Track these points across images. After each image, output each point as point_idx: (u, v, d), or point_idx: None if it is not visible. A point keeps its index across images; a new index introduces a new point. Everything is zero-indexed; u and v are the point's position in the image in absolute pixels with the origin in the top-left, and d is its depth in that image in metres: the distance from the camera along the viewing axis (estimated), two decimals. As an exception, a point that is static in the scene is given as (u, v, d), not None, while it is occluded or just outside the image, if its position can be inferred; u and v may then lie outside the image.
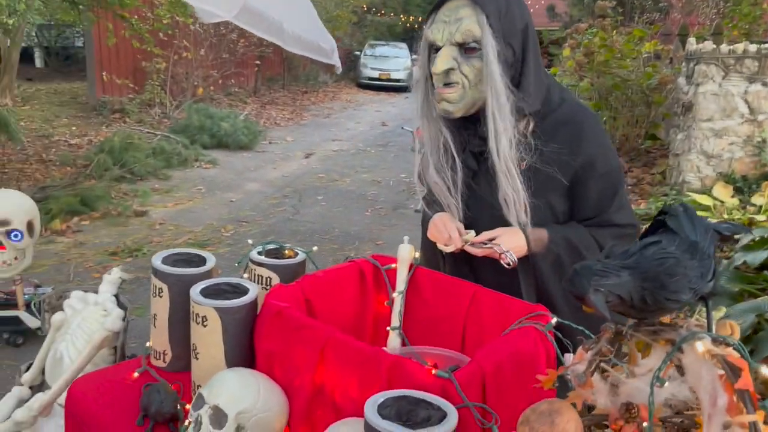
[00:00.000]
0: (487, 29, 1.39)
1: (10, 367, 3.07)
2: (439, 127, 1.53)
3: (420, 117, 1.57)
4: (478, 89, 1.43)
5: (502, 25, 1.41)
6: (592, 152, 1.49)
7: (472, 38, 1.40)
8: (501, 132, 1.42)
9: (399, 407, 1.01)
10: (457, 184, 1.54)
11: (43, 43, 14.27)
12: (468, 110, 1.47)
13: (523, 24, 1.46)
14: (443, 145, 1.54)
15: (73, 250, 4.63)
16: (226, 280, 1.41)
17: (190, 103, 9.74)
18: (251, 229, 5.31)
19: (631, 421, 1.04)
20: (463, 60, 1.42)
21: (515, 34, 1.44)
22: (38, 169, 6.53)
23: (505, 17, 1.42)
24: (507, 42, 1.42)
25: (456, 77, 1.43)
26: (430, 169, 1.56)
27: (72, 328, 1.80)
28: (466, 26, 1.40)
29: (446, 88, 1.44)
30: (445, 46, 1.42)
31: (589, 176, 1.50)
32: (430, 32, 1.46)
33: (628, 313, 0.92)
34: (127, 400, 1.39)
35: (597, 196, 1.52)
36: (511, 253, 1.46)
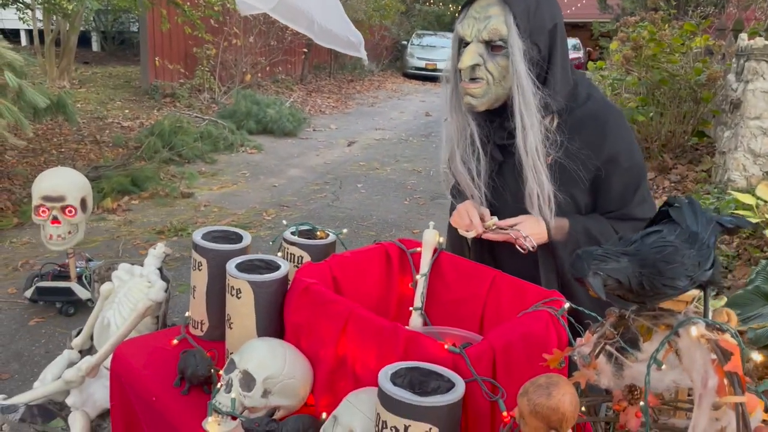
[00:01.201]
0: (513, 29, 1.43)
1: (62, 335, 3.27)
2: (466, 119, 1.59)
3: (449, 109, 1.62)
4: (502, 86, 1.49)
5: (530, 25, 1.45)
6: (616, 148, 1.53)
7: (499, 37, 1.45)
8: (528, 128, 1.46)
9: (411, 377, 1.09)
10: (481, 174, 1.60)
11: (100, 28, 14.74)
12: (492, 105, 1.52)
13: (552, 23, 1.49)
14: (470, 136, 1.59)
15: (122, 228, 4.85)
16: (260, 257, 1.50)
17: (237, 89, 9.96)
18: (292, 213, 5.44)
19: (634, 402, 1.09)
20: (488, 57, 1.47)
21: (542, 34, 1.48)
22: (92, 149, 6.82)
23: (533, 16, 1.46)
24: (533, 41, 1.46)
25: (481, 73, 1.48)
26: (457, 159, 1.62)
27: (119, 297, 1.93)
28: (494, 25, 1.44)
29: (471, 83, 1.50)
30: (473, 42, 1.48)
31: (613, 171, 1.53)
32: (460, 27, 1.51)
33: (627, 297, 0.97)
34: (166, 363, 1.50)
35: (619, 191, 1.56)
36: (531, 239, 1.51)
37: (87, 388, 1.83)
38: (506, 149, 1.57)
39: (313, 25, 2.67)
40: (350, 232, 1.73)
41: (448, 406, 1.01)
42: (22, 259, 4.14)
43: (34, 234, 4.53)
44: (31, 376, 2.88)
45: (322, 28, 2.73)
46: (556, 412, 0.92)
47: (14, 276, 3.91)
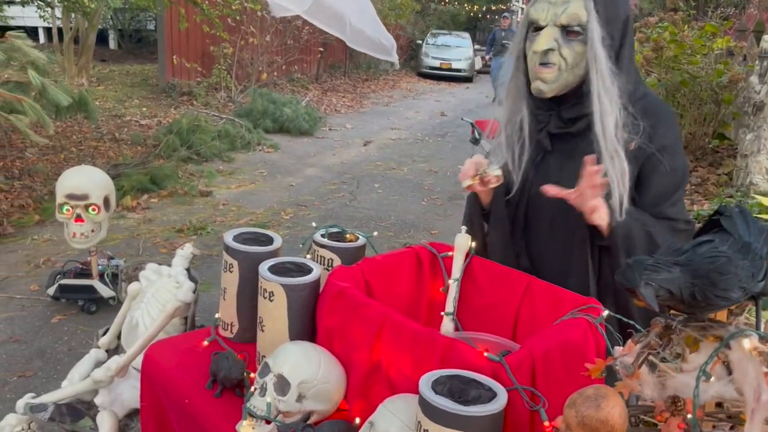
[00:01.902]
0: (593, 14, 1.42)
1: (84, 333, 3.29)
2: (520, 105, 1.57)
3: (506, 90, 1.61)
4: (573, 72, 1.46)
5: (607, 13, 1.44)
6: (665, 144, 1.50)
7: (577, 22, 1.43)
8: (608, 113, 1.44)
9: (452, 385, 1.08)
10: (523, 161, 1.58)
11: (117, 26, 14.84)
12: (560, 91, 1.49)
13: (625, 15, 1.49)
14: (519, 122, 1.57)
15: (142, 226, 4.88)
16: (292, 260, 1.49)
17: (254, 88, 9.99)
18: (310, 213, 5.44)
19: (677, 414, 1.07)
20: (564, 42, 1.45)
21: (617, 23, 1.46)
22: (111, 147, 6.87)
23: (611, 4, 1.45)
24: (608, 30, 1.44)
25: (554, 58, 1.45)
26: (502, 141, 1.61)
27: (147, 297, 1.93)
28: (573, 10, 1.42)
29: (543, 68, 1.47)
30: (548, 26, 1.45)
31: (657, 167, 1.50)
32: (533, 10, 1.48)
33: (678, 308, 0.95)
34: (197, 365, 1.50)
35: (659, 188, 1.53)
36: None
37: (115, 387, 1.84)
38: (557, 138, 1.55)
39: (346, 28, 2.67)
40: (368, 232, 1.72)
41: (492, 415, 1.00)
42: (44, 257, 4.18)
43: (56, 231, 4.57)
44: (54, 373, 2.91)
45: (355, 31, 2.72)
46: (605, 425, 0.90)
47: (36, 273, 3.94)
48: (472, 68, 17.78)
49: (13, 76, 4.20)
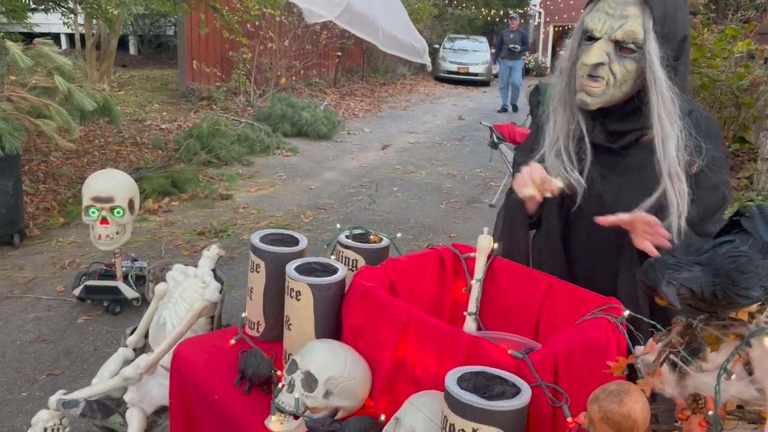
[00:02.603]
0: (651, 34, 1.37)
1: (109, 333, 3.36)
2: (574, 113, 1.53)
3: (557, 100, 1.56)
4: (621, 89, 1.43)
5: (665, 31, 1.39)
6: (713, 159, 1.47)
7: (633, 40, 1.39)
8: (669, 135, 1.41)
9: (476, 381, 1.10)
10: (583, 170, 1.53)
11: (138, 32, 15.03)
12: (605, 105, 1.47)
13: (683, 33, 1.44)
14: (574, 131, 1.54)
15: (164, 229, 4.96)
16: (317, 260, 1.53)
17: (273, 93, 10.08)
18: (329, 216, 5.49)
19: (698, 411, 1.09)
20: (615, 57, 1.41)
21: (674, 42, 1.42)
22: (133, 151, 6.98)
23: (671, 23, 1.40)
24: (665, 49, 1.40)
25: (603, 72, 1.42)
26: (557, 152, 1.55)
27: (174, 297, 1.98)
28: (630, 26, 1.38)
29: (591, 81, 1.44)
30: (602, 38, 1.41)
31: (704, 183, 1.48)
32: (589, 19, 1.43)
33: (699, 306, 0.97)
34: (225, 363, 1.54)
35: (705, 205, 1.49)
36: None
37: (144, 385, 1.88)
38: (600, 150, 1.53)
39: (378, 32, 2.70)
40: (388, 234, 1.75)
41: (516, 410, 1.02)
42: (69, 258, 4.26)
43: (80, 233, 4.66)
44: (81, 372, 2.97)
45: (386, 35, 2.76)
46: (627, 419, 0.93)
47: (62, 274, 4.03)
48: (489, 72, 17.77)
49: (40, 82, 4.30)
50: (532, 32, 23.61)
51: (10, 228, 4.34)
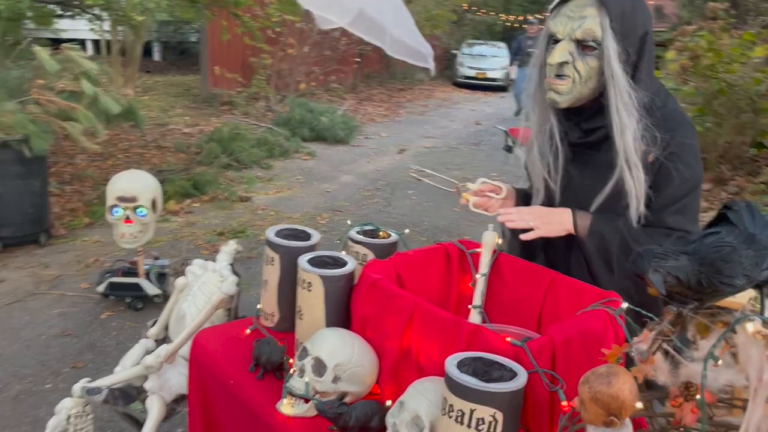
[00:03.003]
0: (608, 32, 1.46)
1: (131, 328, 3.47)
2: (547, 114, 1.63)
3: (531, 102, 1.66)
4: (587, 86, 1.52)
5: (623, 29, 1.48)
6: (677, 153, 1.54)
7: (592, 38, 1.48)
8: (626, 127, 1.49)
9: (476, 366, 1.16)
10: (558, 169, 1.64)
11: (162, 38, 15.31)
12: (574, 103, 1.56)
13: (643, 31, 1.52)
14: (549, 131, 1.63)
15: (185, 229, 5.08)
16: (328, 254, 1.60)
17: (292, 98, 10.21)
18: (345, 218, 5.56)
19: (690, 398, 1.14)
20: (578, 56, 1.50)
21: (634, 38, 1.50)
22: (156, 154, 7.13)
23: (628, 21, 1.48)
24: (624, 46, 1.48)
25: (568, 71, 1.51)
26: (534, 151, 1.66)
27: (193, 290, 2.06)
28: (588, 25, 1.47)
29: (557, 80, 1.53)
30: (564, 39, 1.51)
31: (667, 176, 1.54)
32: (552, 24, 1.54)
33: (686, 294, 1.02)
34: (240, 351, 1.61)
35: (664, 196, 1.56)
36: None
37: (164, 374, 1.96)
38: (578, 148, 1.62)
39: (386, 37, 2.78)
40: (406, 240, 1.82)
41: (512, 392, 1.08)
42: (93, 257, 4.39)
43: (104, 233, 4.79)
44: (104, 365, 3.07)
45: (394, 40, 2.83)
46: (615, 400, 0.98)
47: (86, 272, 4.15)
48: (508, 78, 17.77)
49: (67, 86, 4.44)
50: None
51: (37, 227, 4.48)
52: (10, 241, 4.38)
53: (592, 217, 1.60)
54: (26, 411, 2.74)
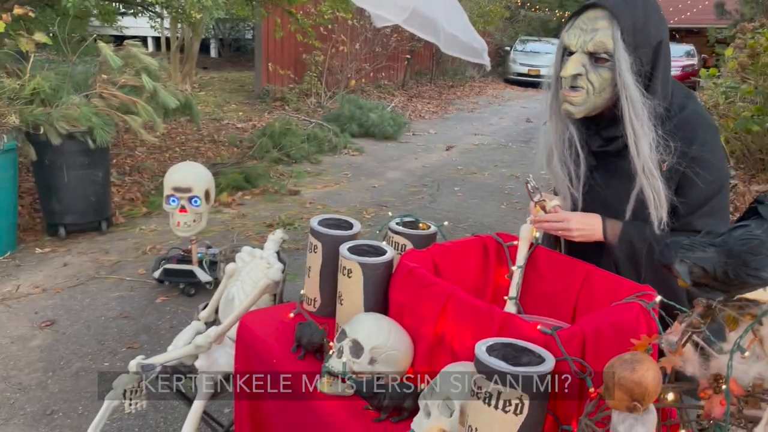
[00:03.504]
0: (620, 43, 1.49)
1: (184, 312, 3.62)
2: (565, 122, 1.67)
3: (549, 113, 1.71)
4: (601, 96, 1.56)
5: (635, 39, 1.50)
6: (698, 157, 1.55)
7: (604, 50, 1.51)
8: (640, 136, 1.52)
9: (505, 352, 1.20)
10: (580, 177, 1.68)
11: (218, 36, 15.71)
12: (589, 113, 1.60)
13: (657, 40, 1.53)
14: (568, 140, 1.67)
15: (236, 220, 5.24)
16: (369, 242, 1.66)
17: (342, 94, 10.35)
18: (390, 213, 5.63)
19: (719, 391, 1.15)
20: (591, 68, 1.54)
21: (647, 48, 1.52)
22: (210, 148, 7.36)
23: (640, 32, 1.51)
24: (637, 55, 1.51)
25: (582, 83, 1.55)
26: (555, 161, 1.71)
27: (242, 276, 2.16)
28: (600, 38, 1.51)
29: (571, 91, 1.57)
30: (577, 52, 1.55)
31: (690, 181, 1.56)
32: (566, 36, 1.59)
33: (713, 285, 1.04)
34: (284, 333, 1.70)
35: (690, 201, 1.58)
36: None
37: (213, 353, 2.07)
38: (600, 156, 1.65)
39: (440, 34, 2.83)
40: (446, 232, 1.87)
41: (539, 376, 1.12)
42: (150, 244, 4.59)
43: (160, 222, 5.00)
44: (158, 347, 3.23)
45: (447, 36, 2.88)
46: (639, 386, 1.00)
47: (143, 259, 4.35)
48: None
49: (129, 81, 4.65)
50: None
51: (99, 215, 4.71)
52: (73, 228, 4.63)
53: (622, 225, 1.62)
54: (85, 386, 2.91)
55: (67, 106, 4.30)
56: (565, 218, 1.64)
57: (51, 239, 4.57)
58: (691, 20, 18.49)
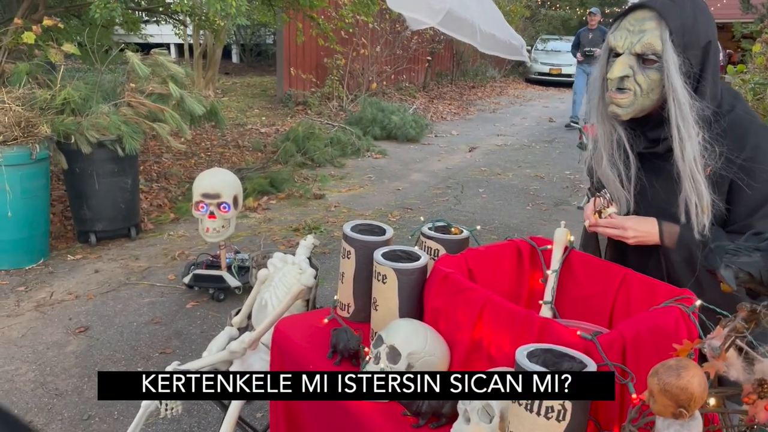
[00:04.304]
0: (669, 44, 1.46)
1: (214, 317, 3.66)
2: (613, 124, 1.64)
3: (595, 114, 1.68)
4: (649, 98, 1.53)
5: (684, 40, 1.48)
6: (750, 158, 1.52)
7: (652, 51, 1.49)
8: (685, 139, 1.50)
9: (546, 358, 1.20)
10: (630, 178, 1.65)
11: (240, 41, 15.86)
12: (636, 115, 1.57)
13: (705, 40, 1.51)
14: (616, 141, 1.64)
15: (262, 225, 5.29)
16: (402, 248, 1.67)
17: (364, 97, 10.38)
18: (415, 215, 5.63)
19: (764, 396, 1.14)
20: (639, 69, 1.51)
21: (696, 49, 1.50)
22: (235, 153, 7.44)
23: (689, 32, 1.48)
24: (686, 56, 1.48)
25: (629, 84, 1.53)
26: (603, 163, 1.67)
27: (274, 282, 2.18)
28: (648, 39, 1.48)
29: (618, 93, 1.55)
30: (624, 54, 1.52)
31: (743, 182, 1.53)
32: (612, 38, 1.56)
33: (759, 290, 1.03)
34: (319, 338, 1.71)
35: (746, 203, 1.55)
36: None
37: (247, 359, 2.09)
38: (646, 157, 1.63)
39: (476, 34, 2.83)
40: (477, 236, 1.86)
41: (581, 382, 1.11)
42: (179, 250, 4.65)
43: (188, 228, 5.07)
44: (189, 352, 3.27)
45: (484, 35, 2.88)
46: (684, 392, 1.00)
47: (172, 264, 4.41)
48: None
49: (156, 89, 4.72)
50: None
51: (128, 222, 4.79)
52: (103, 235, 4.71)
53: (680, 230, 1.59)
54: (120, 391, 2.95)
55: (97, 115, 4.38)
56: (621, 226, 1.62)
57: (82, 246, 4.66)
58: (716, 15, 18.06)
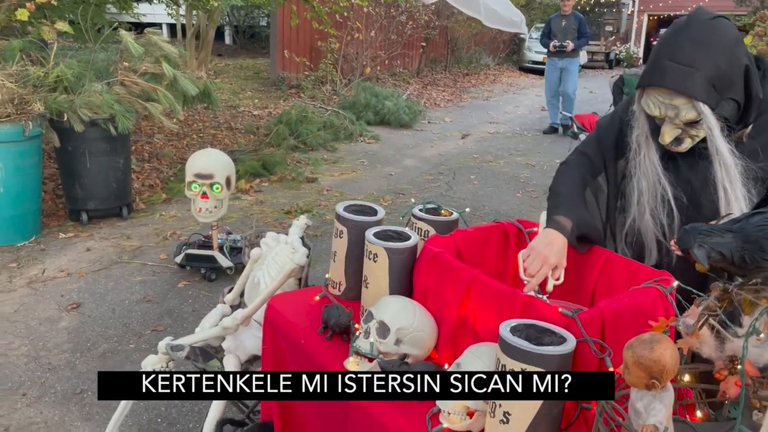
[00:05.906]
0: (707, 110, 1.48)
1: (206, 297, 3.71)
2: (657, 178, 1.64)
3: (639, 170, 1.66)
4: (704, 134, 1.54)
5: (720, 91, 1.49)
6: None
7: (694, 119, 1.51)
8: (732, 201, 1.52)
9: (528, 333, 1.25)
10: (674, 230, 1.64)
11: (233, 23, 15.75)
12: None
13: (742, 70, 1.51)
14: (660, 195, 1.65)
15: (254, 207, 5.32)
16: (393, 228, 1.72)
17: (358, 82, 10.38)
18: (407, 200, 5.68)
19: (734, 372, 1.20)
20: (687, 128, 1.54)
21: (736, 86, 1.51)
22: (227, 135, 7.44)
23: (723, 80, 1.48)
24: (728, 98, 1.50)
25: (684, 136, 1.56)
26: (646, 215, 1.67)
27: (267, 260, 2.23)
28: (685, 114, 1.50)
29: (678, 145, 1.57)
30: (666, 120, 1.55)
31: None
32: (646, 106, 1.57)
33: (730, 269, 1.08)
34: (310, 315, 1.76)
35: None
36: None
37: (239, 335, 2.14)
38: None
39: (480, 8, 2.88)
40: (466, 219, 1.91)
41: (561, 355, 1.17)
42: (170, 230, 4.67)
43: (180, 208, 5.09)
44: (181, 330, 3.31)
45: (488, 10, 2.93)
46: (657, 364, 1.05)
47: (164, 244, 4.43)
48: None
49: (149, 68, 4.72)
50: (625, 21, 22.72)
51: (120, 201, 4.80)
52: (95, 214, 4.73)
53: None
54: (113, 367, 3.00)
55: (90, 94, 4.37)
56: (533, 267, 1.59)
57: (74, 224, 4.67)
58: (710, 7, 18.18)
